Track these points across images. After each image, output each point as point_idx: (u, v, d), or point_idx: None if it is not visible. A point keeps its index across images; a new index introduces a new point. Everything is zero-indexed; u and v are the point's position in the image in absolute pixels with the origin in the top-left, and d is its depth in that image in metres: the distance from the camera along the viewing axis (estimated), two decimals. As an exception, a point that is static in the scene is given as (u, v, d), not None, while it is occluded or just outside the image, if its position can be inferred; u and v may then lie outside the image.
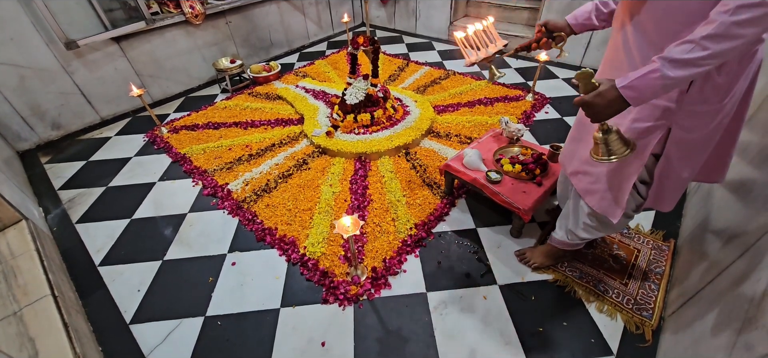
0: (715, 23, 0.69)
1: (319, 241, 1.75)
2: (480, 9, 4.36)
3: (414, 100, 2.80)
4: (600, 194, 1.17)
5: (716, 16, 0.70)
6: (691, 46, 0.73)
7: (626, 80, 0.80)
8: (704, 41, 0.71)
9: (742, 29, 0.68)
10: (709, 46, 0.71)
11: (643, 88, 0.79)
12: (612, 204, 1.14)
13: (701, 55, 0.72)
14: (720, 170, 1.09)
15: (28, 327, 1.25)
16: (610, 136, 0.86)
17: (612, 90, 0.81)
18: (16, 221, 1.67)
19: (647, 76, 0.78)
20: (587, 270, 1.57)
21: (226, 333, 1.43)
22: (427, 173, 2.14)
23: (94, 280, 1.67)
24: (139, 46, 2.94)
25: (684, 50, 0.74)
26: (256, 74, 3.39)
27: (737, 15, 0.67)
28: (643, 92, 0.79)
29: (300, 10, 4.13)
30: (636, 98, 0.80)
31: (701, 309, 1.14)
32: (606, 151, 0.87)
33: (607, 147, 0.87)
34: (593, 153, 0.91)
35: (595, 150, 0.90)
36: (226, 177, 2.21)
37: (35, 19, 2.37)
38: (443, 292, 1.54)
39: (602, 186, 1.15)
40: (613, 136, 0.86)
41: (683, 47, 0.74)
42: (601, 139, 0.87)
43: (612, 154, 0.87)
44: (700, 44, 0.71)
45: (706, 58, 0.72)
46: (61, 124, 2.71)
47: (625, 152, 0.86)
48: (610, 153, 0.87)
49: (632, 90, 0.80)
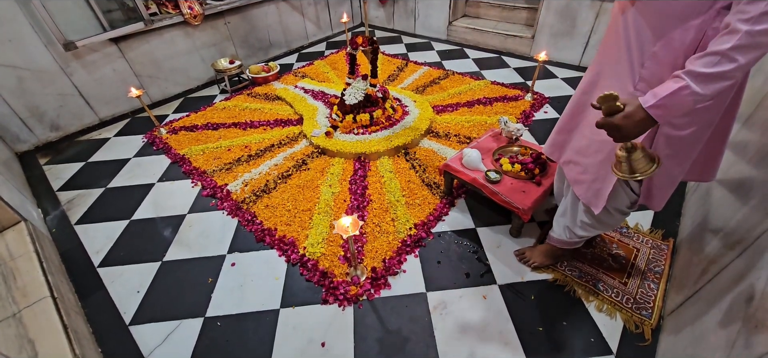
0: (740, 33, 0.68)
1: (318, 241, 1.75)
2: (479, 9, 4.37)
3: (413, 100, 2.80)
4: (586, 184, 1.18)
5: (739, 25, 0.69)
6: (717, 58, 0.71)
7: (654, 99, 0.78)
8: (732, 52, 0.70)
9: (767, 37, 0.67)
10: (738, 57, 0.69)
11: (673, 106, 0.77)
12: (596, 195, 1.15)
13: (731, 68, 0.71)
14: (711, 169, 1.09)
15: (28, 329, 1.25)
16: (634, 154, 0.83)
17: (639, 110, 0.79)
18: (15, 223, 1.66)
19: (678, 94, 0.75)
20: (586, 269, 1.57)
21: (226, 334, 1.43)
22: (427, 173, 2.14)
23: (93, 281, 1.67)
24: (138, 47, 2.93)
25: (710, 63, 0.72)
26: (255, 75, 3.39)
27: (762, 23, 0.66)
28: (672, 111, 0.78)
29: (299, 10, 4.12)
30: (664, 116, 0.79)
31: (700, 308, 1.14)
32: (628, 169, 0.84)
33: (631, 165, 0.84)
34: (615, 169, 0.87)
35: (618, 167, 0.86)
36: (225, 178, 2.21)
37: (33, 20, 2.37)
38: (443, 292, 1.54)
39: (589, 177, 1.16)
40: (638, 154, 0.83)
41: (708, 60, 0.72)
42: (625, 158, 0.84)
43: (635, 172, 0.83)
44: (728, 56, 0.70)
45: (735, 70, 0.71)
46: (59, 125, 2.71)
47: (651, 169, 0.82)
48: (633, 171, 0.83)
49: (661, 109, 0.78)
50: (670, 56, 0.86)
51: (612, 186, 1.09)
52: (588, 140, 1.14)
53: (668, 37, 0.85)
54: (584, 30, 3.28)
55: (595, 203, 1.17)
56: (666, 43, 0.85)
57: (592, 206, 1.18)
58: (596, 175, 1.13)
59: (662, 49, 0.87)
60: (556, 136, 1.31)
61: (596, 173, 1.13)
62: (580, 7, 3.22)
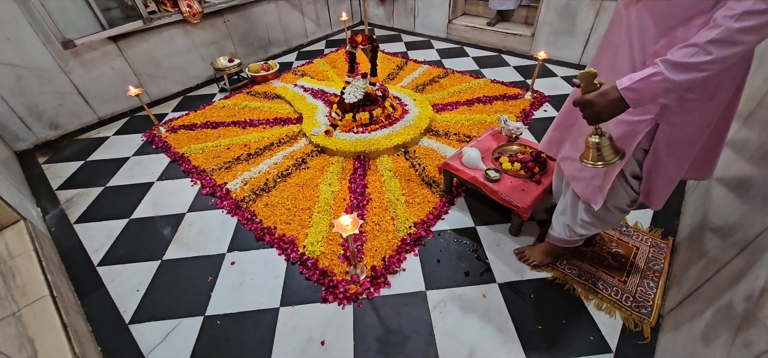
0: (720, 28, 0.69)
1: (318, 240, 1.74)
2: (478, 7, 4.36)
3: (413, 98, 2.80)
4: (585, 181, 1.19)
5: (721, 20, 0.70)
6: (694, 49, 0.73)
7: (628, 82, 0.80)
8: (708, 46, 0.71)
9: (746, 35, 0.68)
10: (713, 50, 0.71)
11: (644, 90, 0.79)
12: (595, 192, 1.16)
13: (704, 60, 0.72)
14: (708, 167, 1.10)
15: (27, 327, 1.25)
16: (602, 141, 0.87)
17: (613, 91, 0.82)
18: (15, 222, 1.66)
19: (649, 79, 0.78)
20: (586, 268, 1.57)
21: (226, 333, 1.43)
22: (426, 172, 2.14)
23: (92, 280, 1.67)
24: (137, 45, 2.93)
25: (687, 54, 0.74)
26: (255, 73, 3.39)
27: (742, 21, 0.67)
28: (643, 94, 0.80)
29: (298, 8, 4.11)
30: (636, 100, 0.81)
31: (700, 307, 1.14)
32: (597, 156, 0.88)
33: (599, 152, 0.88)
34: (583, 157, 0.91)
35: (586, 154, 0.91)
36: (224, 176, 2.21)
37: (32, 19, 2.36)
38: (442, 290, 1.54)
39: (588, 174, 1.17)
40: (606, 141, 0.87)
41: (686, 51, 0.74)
42: (594, 144, 0.88)
43: (601, 160, 0.88)
44: (704, 48, 0.71)
45: (708, 63, 0.72)
46: (58, 124, 2.70)
47: (614, 160, 0.87)
48: (599, 158, 0.88)
49: (633, 92, 0.80)
50: None
51: (611, 182, 1.09)
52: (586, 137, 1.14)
53: (671, 36, 0.85)
54: (584, 28, 3.28)
55: (594, 199, 1.17)
56: (668, 41, 0.85)
57: (591, 202, 1.18)
58: (595, 172, 1.14)
59: (663, 48, 0.87)
60: (554, 132, 1.32)
61: (594, 170, 1.13)
62: (580, 6, 3.21)
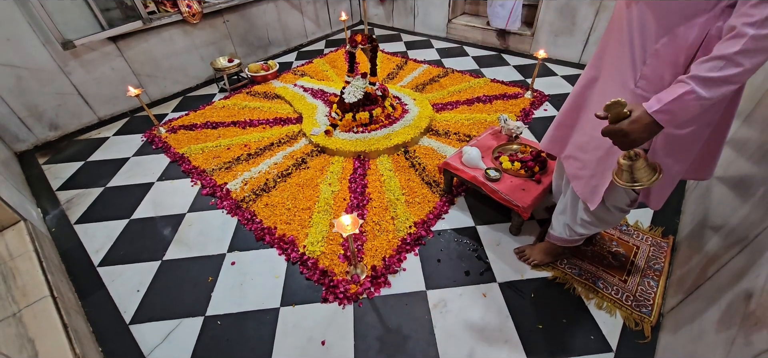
0: (746, 38, 0.68)
1: (318, 240, 1.74)
2: (478, 6, 4.35)
3: (413, 98, 2.80)
4: (584, 180, 1.18)
5: (743, 29, 0.69)
6: (723, 62, 0.71)
7: (658, 104, 0.78)
8: (737, 57, 0.70)
9: None
10: (743, 62, 0.70)
11: (678, 110, 0.77)
12: (593, 192, 1.16)
13: (736, 72, 0.71)
14: (708, 167, 1.09)
15: (28, 328, 1.25)
16: (637, 163, 0.83)
17: (645, 116, 0.79)
18: (15, 222, 1.66)
19: (682, 99, 0.75)
20: (586, 267, 1.57)
21: (226, 333, 1.43)
22: (426, 172, 2.14)
23: (93, 280, 1.67)
24: (137, 45, 2.92)
25: (716, 67, 0.72)
26: (254, 73, 3.38)
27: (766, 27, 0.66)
28: (677, 115, 0.78)
29: (298, 8, 4.11)
30: (670, 121, 0.79)
31: (700, 305, 1.14)
32: (630, 178, 0.84)
33: (632, 174, 0.84)
34: (616, 177, 0.87)
35: (619, 175, 0.86)
36: (224, 177, 2.21)
37: (31, 19, 2.36)
38: (443, 290, 1.54)
39: (588, 172, 1.16)
40: (641, 162, 0.83)
41: (714, 64, 0.72)
42: (628, 167, 0.84)
43: (637, 182, 0.83)
44: (733, 60, 0.70)
45: (740, 75, 0.71)
46: (58, 124, 2.70)
47: (653, 179, 0.82)
48: (634, 180, 0.84)
49: (666, 114, 0.78)
50: (672, 54, 0.86)
51: (608, 183, 1.09)
52: (588, 136, 1.14)
53: (672, 34, 0.84)
54: (584, 27, 3.27)
55: (591, 199, 1.17)
56: (670, 40, 0.85)
57: (588, 202, 1.18)
58: (594, 171, 1.13)
59: (665, 47, 0.86)
60: (555, 131, 1.31)
61: (594, 170, 1.13)
62: (580, 5, 3.21)
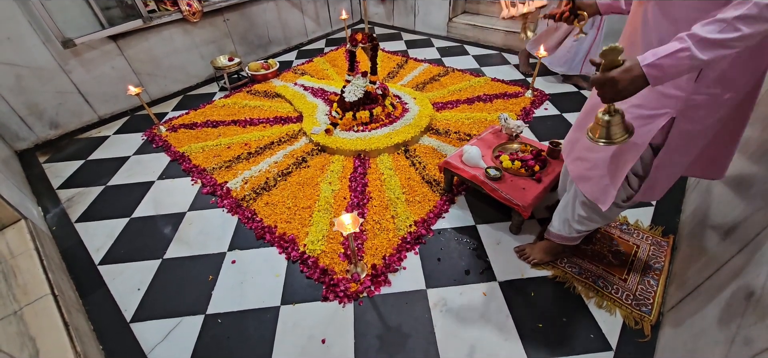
0: (749, 3, 0.67)
1: (318, 238, 1.75)
2: (479, 5, 4.35)
3: (413, 97, 2.79)
4: (594, 180, 1.17)
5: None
6: (722, 25, 0.70)
7: (652, 58, 0.76)
8: (736, 22, 0.68)
9: None
10: (742, 27, 0.68)
11: (669, 67, 0.75)
12: (604, 192, 1.15)
13: (733, 37, 0.69)
14: (720, 167, 1.09)
15: (29, 326, 1.25)
16: (614, 119, 0.82)
17: (637, 67, 0.77)
18: (15, 221, 1.66)
19: (676, 55, 0.73)
20: (586, 266, 1.57)
21: (227, 331, 1.43)
22: (427, 171, 2.14)
23: (93, 279, 1.67)
24: (137, 44, 2.92)
25: (715, 30, 0.71)
26: (255, 72, 3.38)
27: None
28: (667, 72, 0.76)
29: (298, 7, 4.11)
30: (658, 78, 0.77)
31: (700, 304, 1.14)
32: (605, 133, 0.84)
33: (608, 130, 0.83)
34: (590, 133, 0.87)
35: (594, 130, 0.86)
36: (225, 175, 2.21)
37: (31, 18, 2.36)
38: (443, 289, 1.54)
39: (598, 172, 1.15)
40: (617, 118, 0.82)
41: (713, 26, 0.71)
42: (604, 122, 0.83)
43: (610, 138, 0.83)
44: (732, 24, 0.69)
45: (737, 40, 0.69)
46: (59, 123, 2.70)
47: (623, 138, 0.83)
48: (609, 136, 0.83)
49: (656, 68, 0.76)
50: None
51: (621, 182, 1.08)
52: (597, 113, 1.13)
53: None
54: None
55: (603, 199, 1.16)
56: None
57: (599, 202, 1.17)
58: (605, 171, 1.13)
59: None
60: (572, 133, 1.31)
61: (605, 169, 1.13)
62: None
